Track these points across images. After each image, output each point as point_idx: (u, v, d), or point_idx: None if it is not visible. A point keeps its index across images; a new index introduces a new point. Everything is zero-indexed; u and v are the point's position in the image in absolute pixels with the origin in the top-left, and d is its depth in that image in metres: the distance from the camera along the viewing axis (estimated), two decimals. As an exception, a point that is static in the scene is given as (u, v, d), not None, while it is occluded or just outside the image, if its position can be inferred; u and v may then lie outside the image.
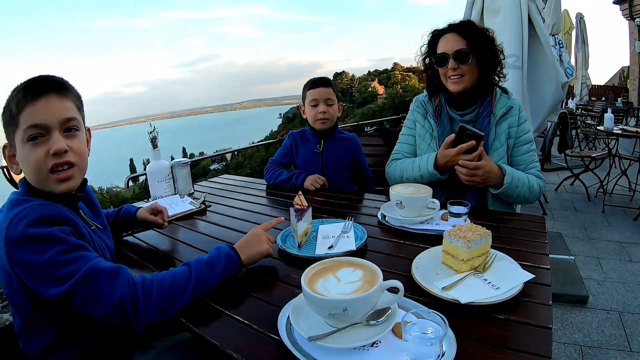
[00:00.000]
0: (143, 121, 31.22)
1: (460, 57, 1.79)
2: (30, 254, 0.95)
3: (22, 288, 1.00)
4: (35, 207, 1.01)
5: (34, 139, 1.05)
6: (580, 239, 3.94)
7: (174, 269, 1.10)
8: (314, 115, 2.33)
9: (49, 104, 1.06)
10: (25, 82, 1.08)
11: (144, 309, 0.98)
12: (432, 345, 0.76)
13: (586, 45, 10.17)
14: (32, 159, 1.05)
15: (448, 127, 1.94)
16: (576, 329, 2.58)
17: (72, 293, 0.95)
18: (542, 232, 1.42)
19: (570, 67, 5.90)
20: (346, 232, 1.46)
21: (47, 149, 1.05)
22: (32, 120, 1.04)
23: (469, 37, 1.80)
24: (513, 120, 1.86)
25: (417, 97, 2.11)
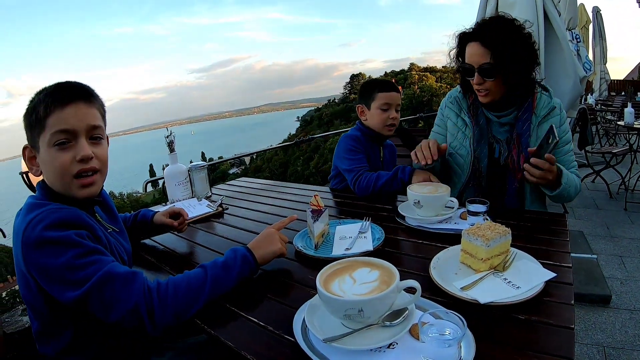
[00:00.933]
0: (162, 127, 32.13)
1: (484, 72, 1.67)
2: (46, 257, 0.95)
3: (40, 291, 1.01)
4: (52, 210, 1.01)
5: (61, 144, 1.06)
6: (602, 237, 3.86)
7: (189, 272, 1.09)
8: (383, 120, 2.18)
9: (77, 111, 1.08)
10: (53, 86, 1.09)
11: (159, 314, 0.98)
12: (450, 346, 0.74)
13: (604, 39, 10.00)
14: (58, 163, 1.06)
15: (485, 128, 1.84)
16: (599, 329, 2.52)
17: (88, 297, 0.95)
18: (564, 230, 1.39)
19: (588, 62, 5.80)
20: (363, 232, 1.45)
21: (73, 154, 1.07)
22: (61, 126, 1.05)
23: (495, 48, 1.64)
24: (555, 121, 1.75)
25: (451, 92, 2.03)
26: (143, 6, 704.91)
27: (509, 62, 1.63)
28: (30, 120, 1.08)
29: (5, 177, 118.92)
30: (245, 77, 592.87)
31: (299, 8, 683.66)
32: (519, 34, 1.68)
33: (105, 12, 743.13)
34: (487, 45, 1.65)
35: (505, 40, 1.63)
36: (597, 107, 8.99)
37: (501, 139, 1.82)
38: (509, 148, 1.78)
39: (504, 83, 1.69)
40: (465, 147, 1.88)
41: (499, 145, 1.82)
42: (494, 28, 1.67)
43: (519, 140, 1.75)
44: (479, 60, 1.68)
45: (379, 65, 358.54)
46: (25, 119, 1.09)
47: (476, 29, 1.73)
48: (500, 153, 1.81)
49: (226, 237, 1.63)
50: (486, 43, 1.66)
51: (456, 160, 1.94)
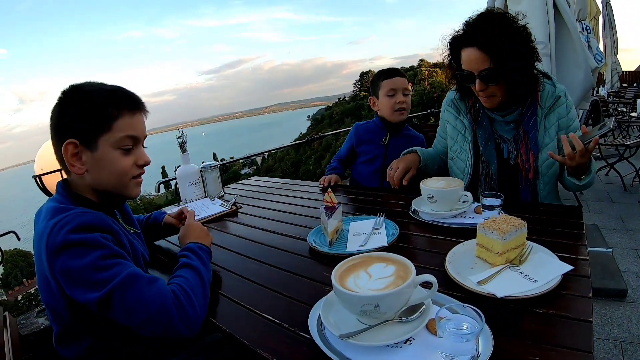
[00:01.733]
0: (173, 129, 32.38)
1: (486, 78, 1.59)
2: (70, 258, 0.95)
3: (62, 295, 1.00)
4: (78, 214, 1.01)
5: (127, 148, 1.13)
6: (618, 230, 3.82)
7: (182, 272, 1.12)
8: (391, 105, 2.25)
9: (141, 120, 1.17)
10: (122, 91, 1.14)
11: (191, 311, 0.99)
12: (467, 341, 0.74)
13: (614, 30, 9.86)
14: (121, 165, 1.13)
15: (489, 129, 1.77)
16: (615, 324, 2.48)
17: (111, 297, 0.94)
18: (579, 222, 1.37)
19: (599, 54, 5.73)
20: (377, 228, 1.45)
21: (134, 159, 1.16)
22: (130, 131, 1.13)
23: (493, 52, 1.54)
24: (562, 110, 1.67)
25: (448, 94, 1.97)
26: (150, 10, 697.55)
27: (510, 64, 1.54)
28: (94, 118, 1.08)
29: (19, 182, 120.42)
30: (255, 77, 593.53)
31: (307, 7, 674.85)
32: (513, 29, 1.58)
33: (112, 17, 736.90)
34: (485, 50, 1.55)
35: (502, 40, 1.52)
36: (609, 99, 8.88)
37: (508, 137, 1.75)
38: (517, 147, 1.72)
39: (507, 87, 1.62)
40: (466, 151, 1.85)
41: (507, 145, 1.75)
42: (487, 28, 1.55)
43: (527, 137, 1.68)
44: (479, 67, 1.58)
45: (389, 62, 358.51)
46: (80, 114, 1.07)
47: (469, 32, 1.61)
48: (509, 153, 1.75)
49: (241, 236, 1.64)
50: (484, 47, 1.55)
51: (457, 164, 1.90)
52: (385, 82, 2.28)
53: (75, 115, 1.07)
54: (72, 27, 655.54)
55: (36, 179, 2.29)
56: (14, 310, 3.39)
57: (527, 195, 1.72)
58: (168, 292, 0.98)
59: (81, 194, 1.14)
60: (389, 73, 2.31)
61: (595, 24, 9.04)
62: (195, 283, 1.08)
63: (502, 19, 1.59)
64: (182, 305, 0.98)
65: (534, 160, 1.67)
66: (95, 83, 1.14)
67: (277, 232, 1.63)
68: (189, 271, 1.12)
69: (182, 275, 1.10)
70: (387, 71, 2.33)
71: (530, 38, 1.61)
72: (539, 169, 1.68)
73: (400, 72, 2.32)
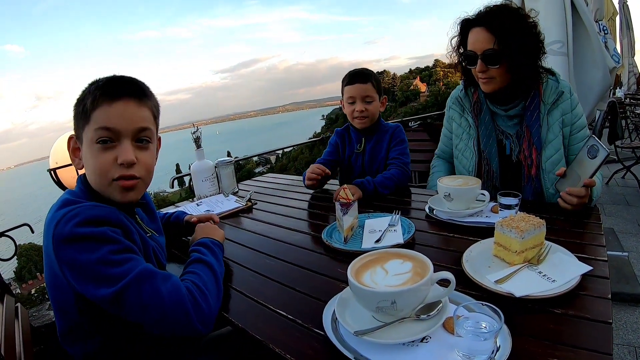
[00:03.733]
0: (188, 127, 32.47)
1: (488, 59, 1.61)
2: (79, 252, 0.91)
3: (71, 291, 0.96)
4: (88, 207, 0.96)
5: (103, 142, 1.01)
6: (634, 234, 3.76)
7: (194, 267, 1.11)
8: (350, 113, 2.14)
9: (126, 109, 1.03)
10: (105, 79, 1.04)
11: (206, 307, 0.97)
12: (486, 340, 0.73)
13: (631, 31, 9.72)
14: (98, 162, 1.01)
15: (491, 125, 1.77)
16: (630, 329, 2.45)
17: (125, 293, 0.90)
18: (597, 223, 1.35)
19: (616, 54, 5.64)
20: (393, 225, 1.44)
21: (115, 155, 1.02)
22: (105, 123, 1.00)
23: (500, 33, 1.57)
24: (566, 106, 1.66)
25: (453, 93, 1.98)
26: (167, 9, 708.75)
27: (514, 49, 1.56)
28: (77, 110, 1.04)
29: (34, 178, 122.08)
30: (270, 77, 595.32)
31: (323, 6, 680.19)
32: (525, 23, 1.61)
33: (129, 17, 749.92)
34: (492, 31, 1.59)
35: (510, 27, 1.57)
36: (625, 100, 8.75)
37: (511, 133, 1.75)
38: (519, 143, 1.72)
39: (508, 71, 1.62)
40: (470, 149, 1.85)
41: (509, 141, 1.75)
42: (499, 14, 1.60)
43: (529, 132, 1.67)
44: (483, 47, 1.61)
45: (404, 62, 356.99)
46: (74, 108, 1.05)
47: (480, 14, 1.65)
48: (512, 149, 1.75)
49: (255, 232, 1.64)
50: (491, 28, 1.59)
51: (462, 162, 1.90)
52: (345, 88, 2.15)
53: (73, 109, 1.06)
54: (89, 27, 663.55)
55: (51, 172, 2.32)
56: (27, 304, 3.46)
57: (530, 192, 1.71)
58: (183, 289, 0.95)
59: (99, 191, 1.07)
60: (350, 78, 2.13)
61: (612, 25, 8.92)
62: (208, 278, 1.07)
63: (515, 12, 1.63)
64: (197, 301, 0.96)
65: (536, 155, 1.66)
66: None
67: (291, 229, 1.63)
68: (201, 266, 1.11)
69: (195, 271, 1.08)
70: (349, 76, 2.15)
71: (539, 35, 1.64)
72: (542, 165, 1.67)
73: (363, 78, 2.11)
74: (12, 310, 1.32)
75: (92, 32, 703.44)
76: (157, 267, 1.11)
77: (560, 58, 2.77)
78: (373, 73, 2.18)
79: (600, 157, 1.32)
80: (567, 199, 1.42)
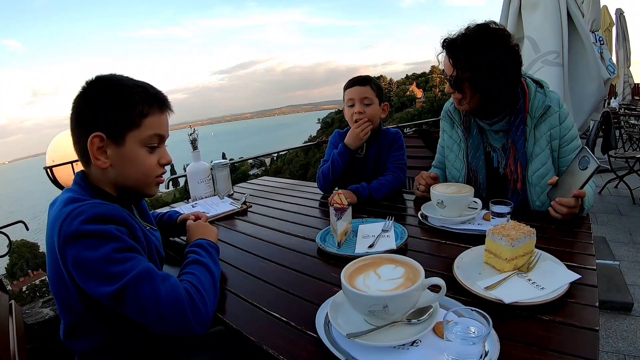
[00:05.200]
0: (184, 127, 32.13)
1: (452, 83, 1.67)
2: (84, 249, 0.93)
3: (75, 287, 0.98)
4: (93, 205, 0.99)
5: (153, 147, 1.13)
6: (625, 243, 3.79)
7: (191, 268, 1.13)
8: (350, 116, 2.13)
9: (167, 119, 1.17)
10: (153, 89, 1.14)
11: (203, 308, 0.98)
12: (475, 344, 0.75)
13: (627, 42, 9.79)
14: (148, 163, 1.13)
15: (479, 137, 1.80)
16: (620, 337, 2.47)
17: (125, 292, 0.92)
18: (587, 233, 1.37)
19: (612, 65, 5.71)
20: (386, 231, 1.46)
21: (157, 157, 1.16)
22: (159, 130, 1.13)
23: (456, 63, 1.63)
24: (554, 120, 1.65)
25: (445, 105, 2.00)
26: (167, 8, 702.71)
27: (472, 78, 1.61)
28: (123, 113, 1.06)
29: (29, 174, 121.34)
30: (267, 78, 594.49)
31: (321, 10, 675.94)
32: (493, 50, 1.58)
33: (128, 15, 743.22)
34: (451, 58, 1.65)
35: (471, 54, 1.59)
36: (620, 110, 8.82)
37: (497, 146, 1.76)
38: (506, 156, 1.73)
39: (473, 96, 1.65)
40: (460, 160, 1.87)
41: (497, 154, 1.76)
42: (463, 44, 1.61)
43: (514, 147, 1.68)
44: (448, 71, 1.67)
45: (401, 67, 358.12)
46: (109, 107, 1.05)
47: (447, 41, 1.68)
48: (499, 162, 1.76)
49: (249, 235, 1.66)
50: (451, 56, 1.65)
51: (452, 173, 1.93)
52: (346, 92, 2.18)
53: (104, 107, 1.05)
54: (88, 23, 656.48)
55: (47, 170, 2.32)
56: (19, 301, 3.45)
57: (515, 205, 1.70)
58: (181, 290, 0.97)
59: (100, 186, 1.11)
60: (350, 82, 2.18)
61: (608, 36, 9.00)
62: (206, 280, 1.08)
63: (486, 37, 1.61)
64: (195, 302, 0.97)
65: (521, 170, 1.68)
66: (123, 76, 1.12)
67: (286, 232, 1.64)
68: (199, 267, 1.12)
69: (193, 272, 1.09)
70: (350, 80, 2.19)
71: (515, 57, 1.62)
72: (528, 179, 1.68)
73: (362, 81, 2.15)
74: (6, 308, 1.32)
75: (91, 28, 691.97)
76: (157, 261, 1.17)
77: (555, 68, 2.80)
78: (373, 78, 2.20)
79: (591, 169, 1.35)
80: (557, 209, 1.44)
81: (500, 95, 1.63)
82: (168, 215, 1.67)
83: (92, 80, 1.08)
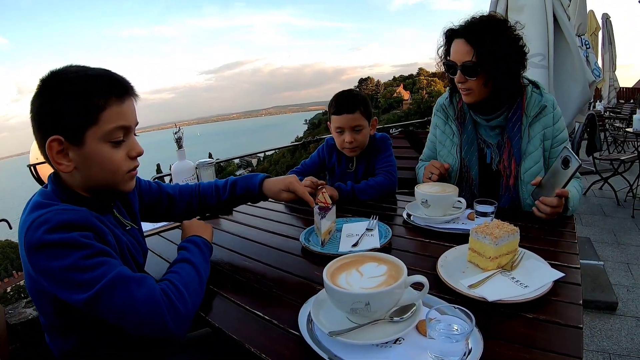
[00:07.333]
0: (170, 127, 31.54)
1: (466, 70, 1.62)
2: (51, 259, 0.89)
3: (47, 293, 0.95)
4: (58, 212, 0.93)
5: (117, 140, 1.01)
6: (610, 244, 3.84)
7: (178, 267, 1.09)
8: (340, 143, 2.06)
9: (131, 106, 1.05)
10: (108, 76, 1.01)
11: (183, 309, 0.95)
12: (457, 342, 0.74)
13: (613, 46, 9.94)
14: (114, 161, 1.02)
15: (473, 133, 1.79)
16: (605, 336, 2.50)
17: (98, 300, 0.89)
18: (571, 232, 1.38)
19: (597, 69, 5.78)
20: (370, 230, 1.45)
21: (125, 151, 1.04)
22: (121, 122, 1.01)
23: (478, 46, 1.58)
24: (548, 120, 1.67)
25: (439, 99, 1.99)
26: (154, 8, 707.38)
27: (492, 62, 1.58)
28: (74, 110, 0.95)
29: (14, 173, 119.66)
30: (254, 79, 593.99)
31: (309, 12, 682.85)
32: (507, 37, 1.61)
33: (115, 13, 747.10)
34: (471, 43, 1.60)
35: (490, 40, 1.57)
36: (605, 114, 8.95)
37: (492, 143, 1.77)
38: (500, 152, 1.74)
39: (485, 84, 1.63)
40: (453, 155, 1.86)
41: (490, 150, 1.77)
42: (481, 26, 1.61)
43: (510, 143, 1.69)
44: (462, 58, 1.62)
45: (388, 69, 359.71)
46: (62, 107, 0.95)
47: (462, 26, 1.65)
48: (492, 158, 1.77)
49: (234, 234, 1.64)
50: (470, 41, 1.60)
51: None
52: (333, 117, 2.05)
53: (57, 107, 0.95)
54: (75, 21, 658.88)
55: (31, 168, 2.27)
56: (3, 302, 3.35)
57: (507, 202, 1.74)
58: (158, 292, 0.93)
59: (72, 188, 1.04)
60: (338, 108, 2.02)
61: (594, 40, 9.12)
62: (190, 279, 1.04)
63: (498, 23, 1.63)
64: (173, 303, 0.94)
65: (515, 166, 1.69)
66: (79, 67, 1.00)
67: (270, 231, 1.63)
68: (186, 266, 1.09)
69: (177, 272, 1.06)
70: (337, 104, 2.03)
71: (522, 48, 1.64)
72: (520, 176, 1.69)
73: (351, 107, 1.99)
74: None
75: (78, 27, 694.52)
76: (133, 265, 1.11)
77: (540, 71, 2.82)
78: (361, 97, 2.07)
79: (572, 168, 1.36)
80: (541, 208, 1.45)
81: (510, 84, 1.64)
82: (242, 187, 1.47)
83: (45, 77, 0.98)
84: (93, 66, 1.02)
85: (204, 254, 1.19)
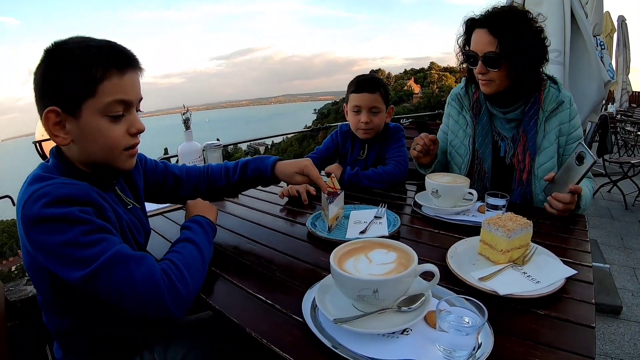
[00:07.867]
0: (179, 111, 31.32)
1: (488, 61, 1.58)
2: (49, 234, 0.87)
3: (44, 270, 0.93)
4: (57, 185, 0.90)
5: (116, 115, 0.98)
6: (616, 247, 3.80)
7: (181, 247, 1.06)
8: (355, 123, 2.05)
9: (134, 79, 1.00)
10: (110, 46, 0.97)
11: (183, 289, 0.93)
12: (468, 335, 0.71)
13: (627, 49, 9.80)
14: (111, 135, 0.98)
15: (488, 125, 1.76)
16: (608, 340, 2.47)
17: (97, 277, 0.86)
18: (583, 230, 1.36)
19: (611, 70, 5.70)
20: (379, 217, 1.43)
21: (125, 127, 1.00)
22: (120, 95, 0.96)
23: (502, 37, 1.54)
24: (564, 116, 1.65)
25: (454, 89, 1.96)
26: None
27: (515, 54, 1.54)
28: (72, 80, 0.92)
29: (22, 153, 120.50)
30: (265, 67, 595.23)
31: (324, 0, 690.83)
32: (529, 27, 1.58)
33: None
34: (495, 34, 1.55)
35: (513, 31, 1.53)
36: (617, 116, 8.85)
37: (507, 136, 1.74)
38: (514, 146, 1.71)
39: (508, 75, 1.60)
40: (465, 146, 1.83)
41: (505, 143, 1.74)
42: (504, 17, 1.57)
43: (525, 137, 1.67)
44: (484, 49, 1.58)
45: (399, 62, 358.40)
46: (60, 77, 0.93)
47: (485, 15, 1.61)
48: (506, 152, 1.74)
49: (239, 217, 1.62)
50: (494, 31, 1.55)
51: (455, 159, 1.89)
52: (352, 96, 2.04)
53: (56, 78, 0.93)
54: (86, 3, 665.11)
55: (36, 144, 2.26)
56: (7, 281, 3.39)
57: (518, 196, 1.71)
58: (157, 271, 0.91)
59: (73, 162, 1.02)
60: (359, 86, 2.03)
61: (609, 42, 9.00)
62: (192, 259, 1.02)
63: (521, 15, 1.60)
64: (173, 283, 0.92)
65: (529, 161, 1.66)
66: (82, 38, 0.97)
67: (276, 215, 1.62)
68: (189, 246, 1.07)
69: (179, 251, 1.03)
70: (358, 83, 2.05)
71: (544, 41, 1.61)
72: (534, 171, 1.66)
73: (371, 87, 2.01)
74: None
75: (89, 8, 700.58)
76: (133, 244, 1.08)
77: (556, 67, 2.76)
78: (382, 81, 2.08)
79: (587, 164, 1.32)
80: (553, 204, 1.42)
81: (532, 76, 1.62)
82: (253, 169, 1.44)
83: (48, 48, 0.95)
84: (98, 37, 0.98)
85: (207, 235, 1.16)
